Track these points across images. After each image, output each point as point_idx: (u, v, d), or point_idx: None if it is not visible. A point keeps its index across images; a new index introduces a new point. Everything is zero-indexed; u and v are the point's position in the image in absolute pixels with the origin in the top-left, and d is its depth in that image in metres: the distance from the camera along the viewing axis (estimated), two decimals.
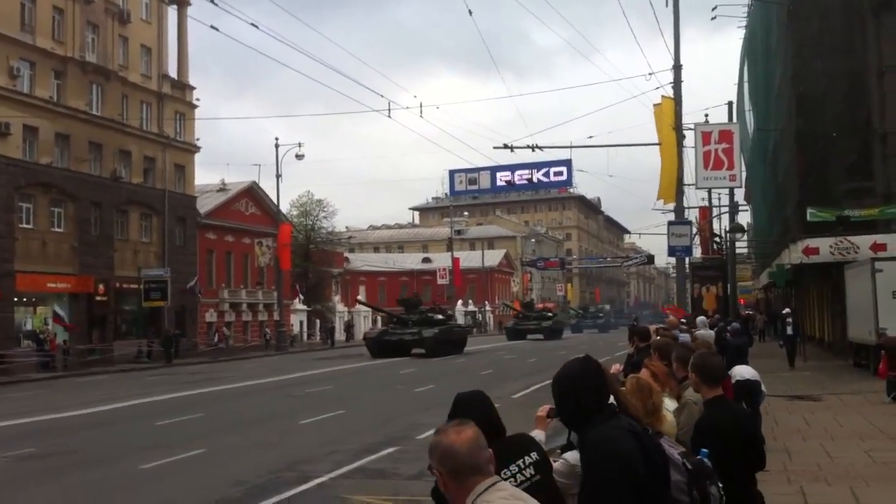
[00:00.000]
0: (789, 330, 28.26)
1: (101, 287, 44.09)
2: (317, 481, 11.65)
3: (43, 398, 26.02)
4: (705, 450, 3.88)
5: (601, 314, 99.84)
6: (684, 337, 11.57)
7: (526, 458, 3.80)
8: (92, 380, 34.24)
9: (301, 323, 68.49)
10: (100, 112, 45.86)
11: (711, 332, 16.34)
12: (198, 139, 54.94)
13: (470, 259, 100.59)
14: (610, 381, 3.61)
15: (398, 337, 44.37)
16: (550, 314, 72.51)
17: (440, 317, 48.60)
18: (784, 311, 31.97)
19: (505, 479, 3.55)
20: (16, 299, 39.55)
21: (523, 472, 3.74)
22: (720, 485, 3.94)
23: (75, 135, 43.76)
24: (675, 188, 27.96)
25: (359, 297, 70.40)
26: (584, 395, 3.41)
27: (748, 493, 4.74)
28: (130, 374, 37.68)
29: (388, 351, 42.90)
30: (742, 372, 10.93)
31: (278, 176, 54.84)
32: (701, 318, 18.27)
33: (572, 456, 4.11)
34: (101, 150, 45.84)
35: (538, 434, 4.47)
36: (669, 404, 5.58)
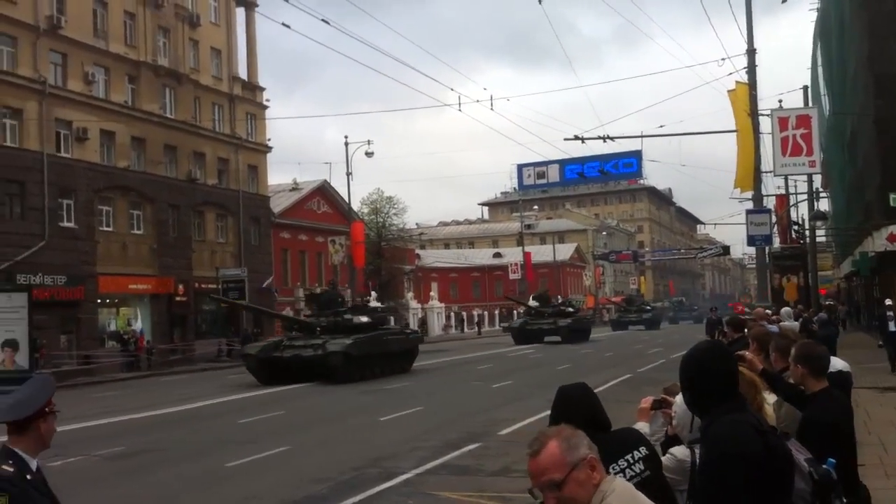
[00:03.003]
0: (892, 325, 22.00)
1: (180, 287, 44.95)
2: (401, 478, 11.65)
3: (129, 397, 26.59)
4: (832, 459, 3.71)
5: (648, 307, 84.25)
6: (772, 329, 11.28)
7: (635, 452, 3.71)
8: (175, 379, 34.91)
9: None
10: (173, 115, 46.72)
11: (796, 324, 15.95)
12: (269, 139, 55.72)
13: (541, 253, 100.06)
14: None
15: None
16: (571, 309, 57.25)
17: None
18: (886, 303, 26.73)
19: (614, 474, 3.47)
20: (99, 301, 40.54)
21: (632, 467, 3.66)
22: (844, 500, 3.75)
23: (150, 138, 44.67)
24: (752, 176, 27.36)
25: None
26: (711, 380, 3.30)
27: (858, 486, 4.59)
28: (211, 372, 38.31)
29: None
30: (835, 363, 10.58)
31: (349, 174, 54.89)
32: (786, 310, 17.80)
33: (680, 451, 4.00)
34: (176, 153, 46.72)
35: (643, 427, 4.37)
36: (768, 398, 5.39)
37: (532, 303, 58.83)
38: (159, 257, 44.26)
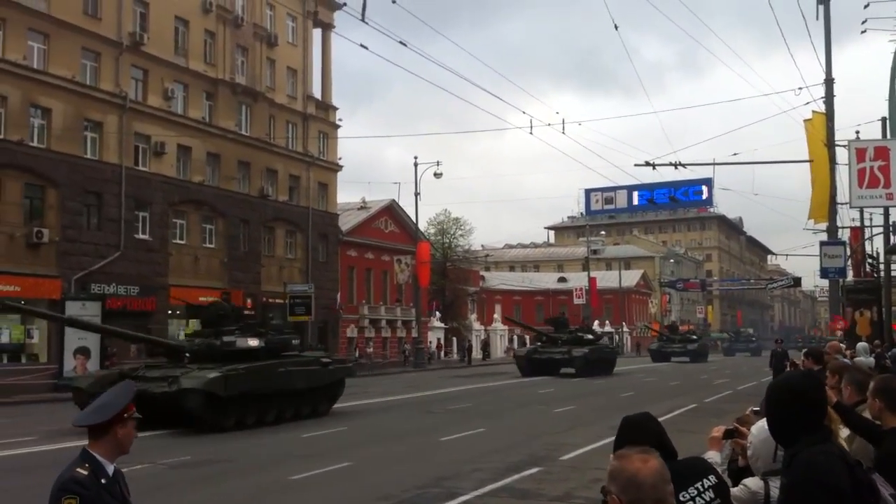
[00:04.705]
0: None
1: (248, 301, 45.53)
2: (462, 499, 11.63)
3: None
4: None
5: (694, 337, 75.72)
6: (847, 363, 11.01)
7: (704, 481, 3.66)
8: None
9: (438, 340, 69.05)
10: (248, 132, 47.59)
11: (871, 360, 15.54)
12: (340, 158, 56.32)
13: (606, 279, 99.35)
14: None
15: None
16: (590, 336, 49.30)
17: None
18: None
19: (684, 502, 3.44)
20: (169, 312, 41.29)
21: (702, 495, 3.60)
22: None
23: (225, 154, 45.54)
24: (827, 207, 26.87)
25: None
26: (802, 409, 3.25)
27: None
28: None
29: None
30: None
31: (417, 194, 55.46)
32: (862, 345, 17.35)
33: (754, 483, 3.94)
34: (249, 169, 47.54)
35: (713, 456, 4.30)
36: (841, 431, 5.28)
37: (545, 328, 52.14)
38: (229, 271, 45.02)
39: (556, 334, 48.24)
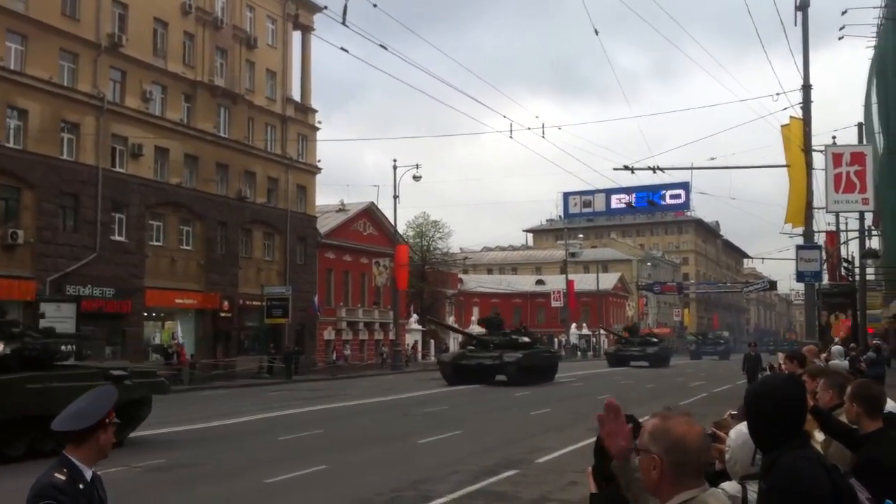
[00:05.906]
0: None
1: (225, 304, 45.36)
2: (437, 502, 11.64)
3: (170, 411, 26.76)
4: (890, 501, 3.64)
5: (654, 339, 68.97)
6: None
7: None
8: (215, 394, 35.13)
9: (416, 342, 68.99)
10: (227, 134, 47.35)
11: (846, 363, 15.70)
12: (319, 161, 56.15)
13: (584, 282, 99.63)
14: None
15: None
16: (525, 339, 42.75)
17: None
18: None
19: None
20: (145, 314, 41.05)
21: None
22: None
23: (203, 156, 45.29)
24: (803, 212, 27.02)
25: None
26: (784, 414, 3.23)
27: None
28: (252, 388, 38.49)
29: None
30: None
31: (396, 197, 55.49)
32: (836, 348, 17.54)
33: (731, 487, 3.95)
34: (228, 171, 47.30)
35: None
36: (817, 435, 5.31)
37: (476, 329, 47.87)
38: (206, 273, 44.75)
39: (487, 337, 42.82)
